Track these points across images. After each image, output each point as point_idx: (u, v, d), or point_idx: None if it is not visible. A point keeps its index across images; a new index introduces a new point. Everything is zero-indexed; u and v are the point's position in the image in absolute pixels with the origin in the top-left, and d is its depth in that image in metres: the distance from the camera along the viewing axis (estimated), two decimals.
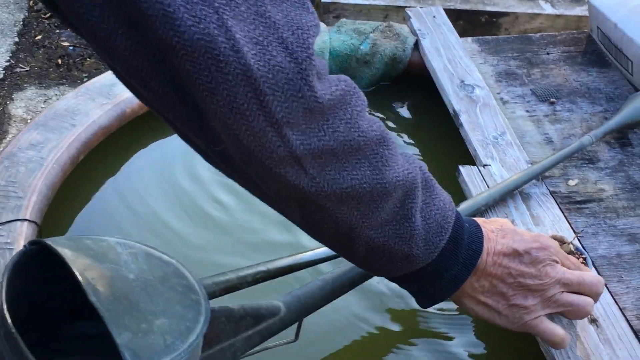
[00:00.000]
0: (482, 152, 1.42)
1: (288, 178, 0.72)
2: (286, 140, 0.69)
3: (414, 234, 0.82)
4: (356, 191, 0.76)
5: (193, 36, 0.62)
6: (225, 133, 0.68)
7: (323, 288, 1.12)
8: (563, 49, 1.76)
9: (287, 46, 0.66)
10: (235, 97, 0.65)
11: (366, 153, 0.75)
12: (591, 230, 1.30)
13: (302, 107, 0.68)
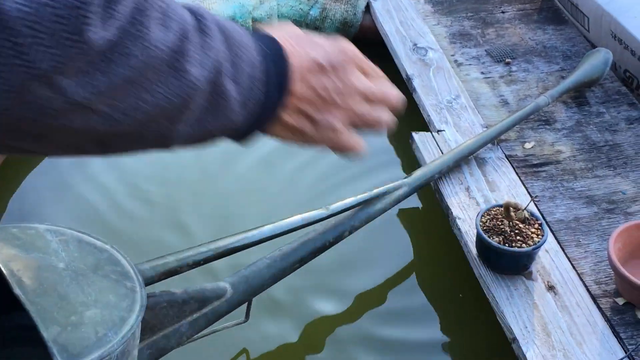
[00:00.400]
0: (436, 118, 1.38)
1: (74, 126, 0.57)
2: (61, 90, 0.54)
3: (231, 107, 0.68)
4: (163, 107, 0.61)
5: None
6: None
7: (271, 266, 1.08)
8: (519, 6, 1.72)
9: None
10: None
11: (166, 63, 0.60)
12: (548, 194, 1.26)
13: (72, 51, 0.53)
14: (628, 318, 1.08)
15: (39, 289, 0.82)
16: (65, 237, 0.91)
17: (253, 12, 1.61)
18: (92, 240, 0.92)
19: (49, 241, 0.89)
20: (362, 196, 1.14)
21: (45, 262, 0.86)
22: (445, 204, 1.23)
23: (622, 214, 1.23)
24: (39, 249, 0.88)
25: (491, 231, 1.11)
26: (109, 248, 0.92)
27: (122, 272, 0.89)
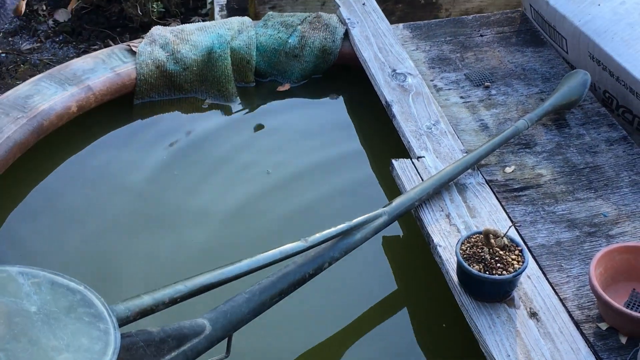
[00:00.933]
0: (415, 144, 1.38)
1: None
2: None
3: None
4: None
5: None
6: None
7: (250, 300, 1.07)
8: (497, 29, 1.72)
9: None
10: None
11: None
12: (529, 218, 1.26)
13: None
14: (611, 343, 1.07)
15: (8, 335, 0.81)
16: (38, 280, 0.90)
17: (231, 42, 1.61)
18: (66, 281, 0.91)
19: (20, 284, 0.88)
20: (341, 226, 1.13)
21: (16, 306, 0.85)
22: (426, 231, 1.22)
23: (604, 237, 1.22)
24: (10, 293, 0.86)
25: (471, 259, 1.10)
26: (82, 289, 0.90)
27: (95, 314, 0.87)
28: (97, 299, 0.90)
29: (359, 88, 1.67)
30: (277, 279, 1.10)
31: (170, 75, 1.57)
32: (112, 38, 2.86)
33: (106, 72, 1.53)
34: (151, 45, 1.58)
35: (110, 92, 1.52)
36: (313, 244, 1.10)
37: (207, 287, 1.01)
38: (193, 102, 1.61)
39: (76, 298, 0.89)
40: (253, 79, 1.65)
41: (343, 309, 1.26)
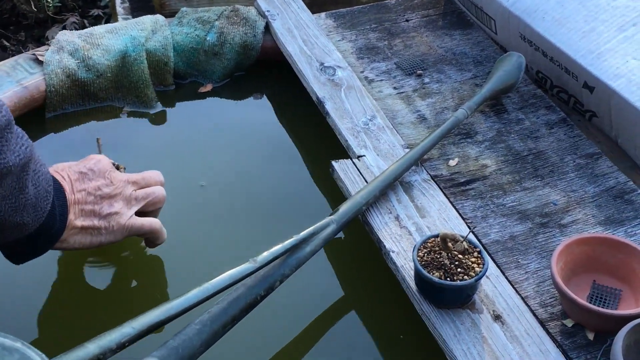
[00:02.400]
0: (354, 142, 1.31)
1: None
2: None
3: (27, 204, 0.85)
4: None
5: None
6: None
7: (202, 332, 0.99)
8: (422, 13, 1.66)
9: None
10: None
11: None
12: (480, 213, 1.21)
13: None
14: (579, 340, 1.04)
15: None
16: None
17: (146, 43, 1.50)
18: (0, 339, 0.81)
19: None
20: (290, 241, 1.06)
21: None
22: (376, 236, 1.17)
23: (557, 227, 1.19)
24: None
25: (430, 265, 1.05)
26: (19, 347, 0.81)
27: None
28: (38, 356, 0.81)
29: (284, 84, 1.59)
30: (228, 304, 1.02)
31: (83, 84, 1.46)
32: (5, 37, 2.70)
33: (12, 85, 1.41)
34: (59, 52, 1.46)
35: (18, 107, 1.40)
36: (262, 263, 1.02)
37: (156, 325, 0.92)
38: (110, 110, 1.50)
39: (14, 359, 0.80)
40: (172, 82, 1.55)
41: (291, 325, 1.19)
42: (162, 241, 1.12)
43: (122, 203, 1.04)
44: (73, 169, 1.02)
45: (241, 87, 1.59)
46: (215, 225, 1.30)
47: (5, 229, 0.85)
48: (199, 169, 1.38)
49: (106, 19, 2.88)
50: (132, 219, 1.06)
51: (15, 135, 0.82)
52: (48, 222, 0.93)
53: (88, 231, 1.01)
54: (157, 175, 1.14)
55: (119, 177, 1.06)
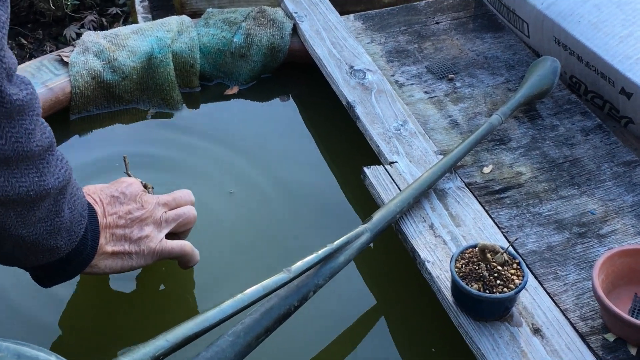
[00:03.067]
0: (385, 148, 1.28)
1: None
2: None
3: (62, 227, 0.84)
4: (21, 197, 0.75)
5: None
6: None
7: (235, 343, 0.97)
8: (452, 15, 1.63)
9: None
10: None
11: (36, 161, 0.75)
12: (516, 222, 1.18)
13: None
14: (621, 355, 1.01)
15: None
16: (2, 354, 0.78)
17: (172, 45, 1.48)
18: (34, 353, 0.78)
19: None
20: (324, 250, 1.04)
21: None
22: (410, 245, 1.14)
23: (595, 237, 1.16)
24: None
25: (468, 277, 1.02)
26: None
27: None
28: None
29: (310, 87, 1.57)
30: (261, 315, 1.00)
31: (108, 86, 1.44)
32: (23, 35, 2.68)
33: (37, 87, 1.38)
34: (84, 53, 1.44)
35: (43, 109, 1.37)
36: (297, 273, 1.00)
37: (190, 338, 0.90)
38: (135, 113, 1.48)
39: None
40: (198, 84, 1.53)
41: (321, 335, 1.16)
42: (194, 263, 1.11)
43: (153, 226, 1.03)
44: (105, 192, 1.01)
45: (267, 90, 1.56)
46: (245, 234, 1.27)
47: (38, 251, 0.84)
48: (226, 174, 1.36)
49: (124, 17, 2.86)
50: (162, 243, 1.05)
51: (55, 157, 0.81)
52: (80, 247, 0.92)
53: (119, 256, 1.00)
54: (188, 195, 1.12)
55: (149, 200, 1.05)
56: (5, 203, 0.74)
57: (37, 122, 0.75)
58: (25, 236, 0.80)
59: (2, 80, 0.65)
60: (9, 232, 0.78)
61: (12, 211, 0.75)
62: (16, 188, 0.74)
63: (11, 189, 0.73)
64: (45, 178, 0.77)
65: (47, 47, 2.57)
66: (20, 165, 0.73)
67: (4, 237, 0.79)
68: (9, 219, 0.76)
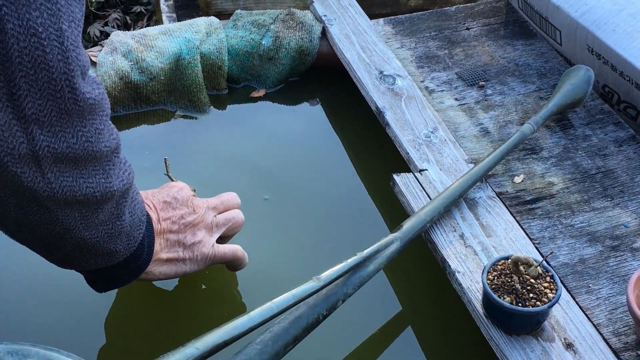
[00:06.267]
0: (415, 155, 1.27)
1: (22, 178, 0.68)
2: (31, 138, 0.65)
3: (122, 231, 0.84)
4: (87, 198, 0.75)
5: None
6: None
7: (263, 352, 0.95)
8: (483, 21, 1.61)
9: (63, 41, 0.63)
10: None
11: (103, 162, 0.75)
12: (547, 234, 1.16)
13: (58, 108, 0.66)
14: None
15: None
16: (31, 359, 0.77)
17: (200, 46, 1.47)
18: (64, 358, 0.78)
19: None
20: (354, 259, 1.02)
21: None
22: (440, 255, 1.12)
23: (629, 251, 1.14)
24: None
25: (501, 289, 1.00)
26: None
27: None
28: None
29: (338, 91, 1.55)
30: (290, 324, 0.98)
31: (136, 87, 1.43)
32: None
33: None
34: (112, 54, 1.43)
35: None
36: (326, 282, 0.98)
37: (220, 346, 0.88)
38: (162, 114, 1.47)
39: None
40: (225, 86, 1.52)
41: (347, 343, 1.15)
42: (243, 267, 1.11)
43: (205, 231, 1.03)
44: (157, 197, 1.00)
45: (295, 93, 1.55)
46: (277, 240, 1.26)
47: (97, 254, 0.84)
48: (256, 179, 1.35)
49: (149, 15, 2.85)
50: (215, 248, 1.04)
51: (120, 160, 0.80)
52: (137, 252, 0.91)
53: (173, 262, 1.00)
54: (235, 198, 1.12)
55: (200, 205, 1.04)
56: (72, 204, 0.74)
57: (106, 123, 0.75)
58: (87, 238, 0.80)
59: (77, 78, 0.65)
60: (71, 234, 0.78)
61: (77, 212, 0.75)
62: (83, 189, 0.74)
63: (78, 189, 0.73)
64: (111, 180, 0.77)
65: None
66: (88, 166, 0.73)
67: (65, 239, 0.79)
68: (73, 220, 0.76)
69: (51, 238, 0.79)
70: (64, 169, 0.71)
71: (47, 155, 0.68)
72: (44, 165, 0.68)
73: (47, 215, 0.74)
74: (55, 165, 0.69)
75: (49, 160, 0.68)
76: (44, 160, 0.68)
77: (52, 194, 0.71)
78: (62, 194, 0.72)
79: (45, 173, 0.69)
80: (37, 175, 0.69)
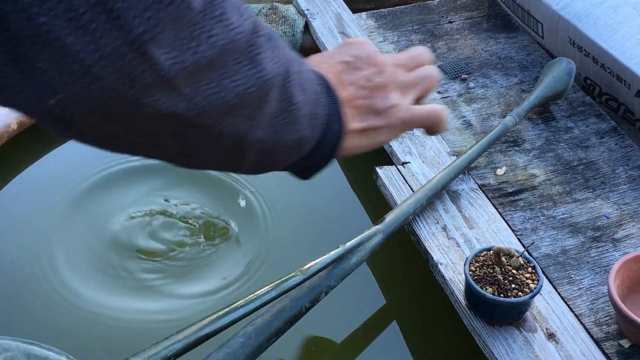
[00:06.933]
0: (398, 148, 1.27)
1: (159, 107, 0.55)
2: (153, 62, 0.52)
3: (300, 115, 0.69)
4: (242, 99, 0.62)
5: None
6: (62, 66, 0.48)
7: (246, 345, 0.95)
8: (465, 14, 1.62)
9: None
10: (72, 7, 0.47)
11: (244, 50, 0.61)
12: (530, 225, 1.17)
13: (169, 16, 0.53)
14: None
15: None
16: (12, 353, 0.77)
17: None
18: (44, 352, 0.78)
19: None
20: (336, 251, 1.03)
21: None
22: (423, 247, 1.12)
23: (610, 241, 1.15)
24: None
25: (483, 280, 1.01)
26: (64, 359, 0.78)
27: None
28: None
29: None
30: (273, 317, 0.98)
31: None
32: None
33: None
34: None
35: None
36: (309, 274, 0.99)
37: (202, 339, 0.89)
38: None
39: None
40: None
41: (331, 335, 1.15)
42: (445, 128, 0.90)
43: (398, 93, 0.83)
44: (334, 59, 0.81)
45: None
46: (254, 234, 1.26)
47: (285, 150, 0.71)
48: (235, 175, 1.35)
49: None
50: (412, 110, 0.85)
51: (264, 40, 0.65)
52: (326, 131, 0.76)
53: (367, 133, 0.81)
54: (426, 52, 0.89)
55: (386, 62, 0.83)
56: (230, 111, 0.62)
57: (226, 5, 0.60)
58: (265, 138, 0.68)
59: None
60: (246, 140, 0.66)
61: (240, 117, 0.64)
62: (231, 90, 0.60)
63: (227, 93, 0.61)
64: (262, 67, 0.63)
65: None
66: (227, 63, 0.60)
67: (243, 149, 0.67)
68: (241, 127, 0.64)
69: (228, 154, 0.67)
70: (200, 78, 0.58)
71: (176, 74, 0.55)
72: (176, 84, 0.56)
73: (210, 134, 0.63)
74: (189, 78, 0.57)
75: (180, 77, 0.56)
76: (175, 80, 0.56)
77: (201, 110, 0.59)
78: (211, 105, 0.60)
79: (181, 91, 0.57)
80: (174, 97, 0.57)
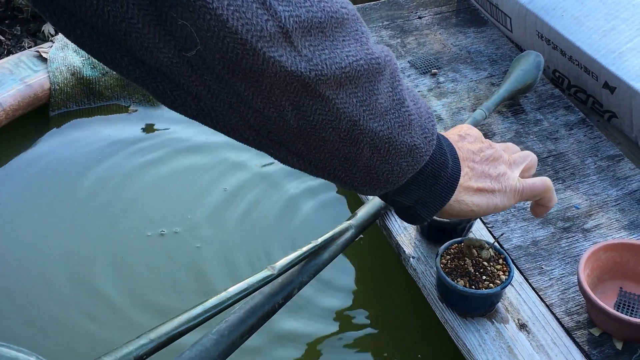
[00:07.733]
0: None
1: (283, 63, 0.63)
2: (273, 12, 0.62)
3: (412, 120, 0.77)
4: (354, 70, 0.69)
5: None
6: (202, 20, 0.59)
7: (219, 342, 0.96)
8: (434, 10, 1.62)
9: None
10: None
11: (348, 29, 0.69)
12: (500, 217, 1.18)
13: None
14: (607, 350, 1.00)
15: None
16: None
17: None
18: (14, 353, 0.77)
19: None
20: (308, 247, 1.03)
21: None
22: (395, 241, 1.13)
23: (580, 232, 1.16)
24: None
25: (454, 273, 1.02)
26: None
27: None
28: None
29: None
30: (245, 313, 0.98)
31: (88, 82, 1.42)
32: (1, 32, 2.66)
33: (15, 83, 1.37)
34: (63, 49, 1.42)
35: (22, 106, 1.36)
36: (281, 270, 0.99)
37: (175, 337, 0.89)
38: (116, 109, 1.46)
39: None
40: None
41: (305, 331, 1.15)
42: (554, 202, 0.99)
43: (506, 165, 0.93)
44: (449, 133, 0.92)
45: None
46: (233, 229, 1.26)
47: (397, 154, 0.77)
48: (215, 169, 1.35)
49: None
50: (522, 181, 0.94)
51: (366, 32, 0.72)
52: (439, 155, 0.83)
53: (483, 193, 0.90)
54: (531, 154, 1.01)
55: (493, 143, 0.94)
56: (343, 83, 0.69)
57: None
58: (379, 130, 0.74)
59: None
60: (360, 127, 0.73)
61: (353, 97, 0.71)
62: (344, 58, 0.69)
63: (340, 59, 0.68)
64: (368, 47, 0.70)
65: (25, 43, 2.54)
66: (336, 35, 0.68)
67: (357, 138, 0.74)
68: (354, 109, 0.71)
69: (343, 141, 0.73)
70: (315, 41, 0.66)
71: (295, 27, 0.64)
72: (295, 40, 0.64)
73: (327, 108, 0.70)
74: (305, 38, 0.65)
75: (298, 32, 0.64)
76: (294, 35, 0.64)
77: (319, 73, 0.67)
78: (328, 69, 0.68)
79: (300, 50, 0.65)
80: (295, 54, 0.65)
